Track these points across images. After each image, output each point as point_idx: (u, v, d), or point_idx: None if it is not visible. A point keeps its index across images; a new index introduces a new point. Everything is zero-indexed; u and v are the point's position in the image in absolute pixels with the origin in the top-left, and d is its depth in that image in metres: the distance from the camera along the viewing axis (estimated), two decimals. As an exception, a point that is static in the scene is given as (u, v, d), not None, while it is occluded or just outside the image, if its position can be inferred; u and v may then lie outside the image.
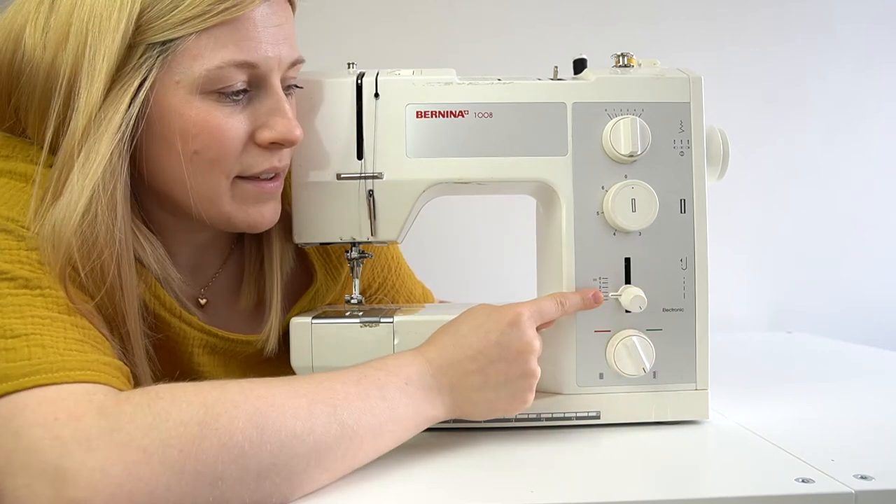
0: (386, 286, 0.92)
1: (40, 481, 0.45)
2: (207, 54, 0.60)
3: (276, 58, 0.64)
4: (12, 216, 0.59)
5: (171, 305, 0.69)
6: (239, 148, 0.64)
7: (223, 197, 0.66)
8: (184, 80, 0.61)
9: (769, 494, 0.52)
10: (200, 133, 0.62)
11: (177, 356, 0.71)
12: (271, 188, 0.68)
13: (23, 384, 0.49)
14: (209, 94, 0.62)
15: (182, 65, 0.60)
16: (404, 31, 1.40)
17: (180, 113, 0.61)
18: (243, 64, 0.62)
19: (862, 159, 1.49)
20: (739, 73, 1.45)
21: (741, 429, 0.68)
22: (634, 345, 0.67)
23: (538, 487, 0.54)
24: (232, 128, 0.63)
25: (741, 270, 1.48)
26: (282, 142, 0.65)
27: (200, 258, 0.76)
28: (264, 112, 0.65)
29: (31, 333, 0.53)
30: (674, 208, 0.69)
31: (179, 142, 0.62)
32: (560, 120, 0.69)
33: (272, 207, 0.69)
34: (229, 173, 0.65)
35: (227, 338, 0.74)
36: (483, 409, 0.63)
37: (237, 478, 0.49)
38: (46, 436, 0.47)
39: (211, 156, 0.63)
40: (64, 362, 0.52)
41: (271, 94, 0.65)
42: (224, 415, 0.49)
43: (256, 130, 0.65)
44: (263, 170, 0.66)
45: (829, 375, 0.97)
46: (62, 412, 0.48)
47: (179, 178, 0.64)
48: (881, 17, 1.48)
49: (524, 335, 0.62)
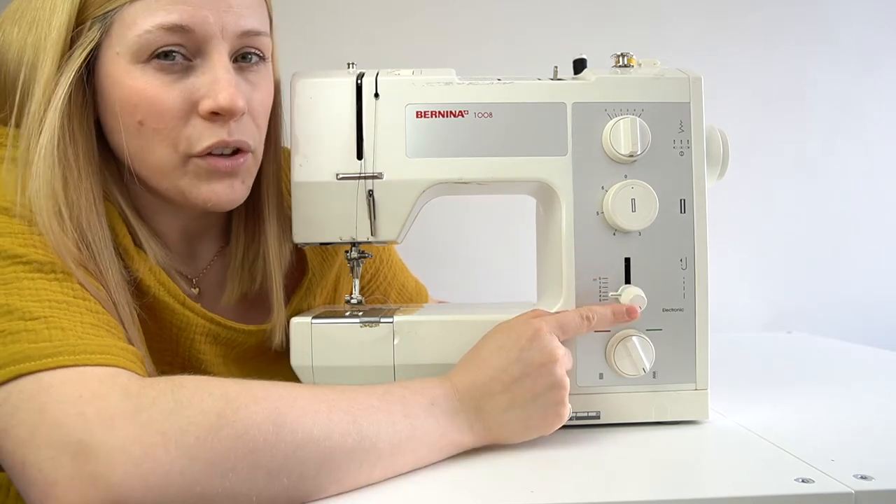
0: (378, 279, 0.92)
1: (63, 454, 0.46)
2: (139, 21, 0.62)
3: (218, 24, 0.63)
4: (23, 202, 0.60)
5: (175, 291, 0.70)
6: (179, 118, 0.64)
7: (175, 171, 0.66)
8: (123, 51, 0.62)
9: (769, 494, 0.52)
10: (140, 102, 0.63)
11: (179, 344, 0.71)
12: (225, 166, 0.66)
13: (47, 364, 0.50)
14: (147, 62, 0.63)
15: (119, 34, 0.62)
16: (404, 31, 1.40)
17: (121, 83, 0.63)
18: (173, 27, 0.62)
19: (862, 159, 1.49)
20: (739, 73, 1.45)
21: (741, 429, 0.68)
22: (634, 345, 0.67)
23: (538, 487, 0.54)
24: (170, 97, 0.63)
25: (741, 270, 1.48)
26: (220, 111, 0.64)
27: (193, 246, 0.76)
28: (206, 82, 0.64)
29: (50, 316, 0.54)
30: (674, 208, 0.69)
31: (121, 112, 0.64)
32: (560, 120, 0.69)
33: (227, 185, 0.67)
34: (176, 145, 0.65)
35: (230, 327, 0.74)
36: (516, 429, 0.62)
37: (248, 472, 0.49)
38: (71, 412, 0.48)
39: (153, 126, 0.64)
40: (84, 345, 0.53)
41: (213, 64, 0.64)
42: (243, 409, 0.50)
43: (199, 101, 0.64)
44: (212, 143, 0.65)
45: (829, 375, 0.97)
46: (87, 391, 0.49)
47: (134, 149, 0.65)
48: (881, 18, 1.48)
49: (545, 347, 0.62)
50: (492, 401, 0.61)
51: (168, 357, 0.71)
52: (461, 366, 0.63)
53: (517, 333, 0.63)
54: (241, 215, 0.77)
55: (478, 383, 0.61)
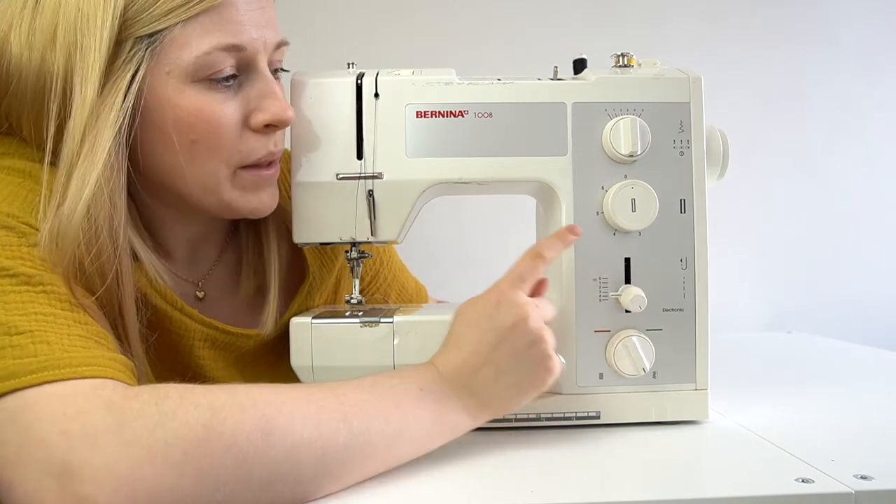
0: (378, 280, 0.92)
1: (48, 476, 0.46)
2: (194, 42, 0.61)
3: (262, 40, 0.65)
4: (13, 212, 0.59)
5: (172, 298, 0.70)
6: (234, 134, 0.65)
7: (223, 185, 0.66)
8: (174, 71, 0.62)
9: (769, 494, 0.52)
10: (196, 122, 0.63)
11: (178, 351, 0.71)
12: (268, 175, 0.69)
13: (31, 381, 0.50)
14: (200, 82, 0.63)
15: (171, 55, 0.61)
16: (404, 31, 1.40)
17: (174, 103, 0.62)
18: (230, 47, 0.62)
19: (862, 159, 1.49)
20: (739, 73, 1.45)
21: (741, 429, 0.68)
22: (634, 345, 0.67)
23: (538, 487, 0.54)
24: (226, 114, 0.64)
25: (741, 270, 1.48)
26: (275, 123, 0.66)
27: (196, 250, 0.76)
28: (255, 96, 0.66)
29: (36, 330, 0.53)
30: (674, 208, 0.69)
31: (175, 132, 0.63)
32: (560, 120, 0.69)
33: (270, 193, 0.70)
34: (229, 161, 0.65)
35: (227, 331, 0.74)
36: (510, 395, 0.60)
37: (242, 483, 0.48)
38: (54, 430, 0.47)
39: (209, 144, 0.64)
40: (70, 358, 0.52)
41: (260, 77, 0.66)
42: (230, 419, 0.49)
43: (250, 115, 0.66)
44: (263, 155, 0.67)
45: (829, 375, 0.97)
46: (70, 407, 0.48)
47: (178, 168, 0.65)
48: (881, 18, 1.48)
49: (512, 306, 0.61)
50: (478, 376, 0.60)
51: (168, 364, 0.71)
52: (440, 350, 0.63)
53: (483, 302, 0.62)
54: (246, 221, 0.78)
55: (459, 362, 0.60)
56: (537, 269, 0.64)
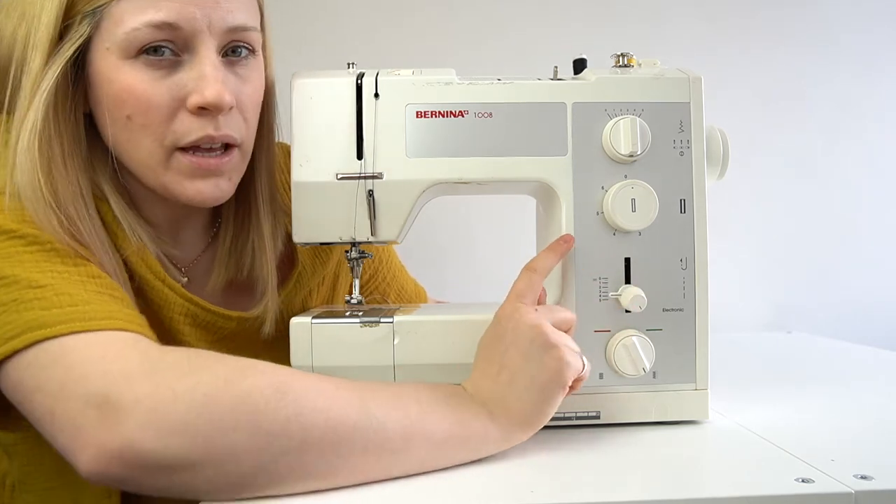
0: (377, 279, 0.92)
1: (89, 406, 0.51)
2: (127, 18, 0.62)
3: (205, 20, 0.64)
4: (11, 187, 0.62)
5: (157, 269, 0.71)
6: (166, 113, 0.65)
7: (160, 166, 0.67)
8: (112, 46, 0.63)
9: (769, 494, 0.52)
10: (129, 98, 0.64)
11: (160, 322, 0.72)
12: (211, 164, 0.67)
13: (60, 330, 0.54)
14: (136, 58, 0.64)
15: (109, 30, 0.63)
16: (404, 31, 1.40)
17: (110, 78, 0.64)
18: (161, 24, 0.63)
19: (862, 159, 1.49)
20: (739, 73, 1.45)
21: (741, 429, 0.68)
22: (634, 345, 0.67)
23: (538, 487, 0.54)
24: (158, 92, 0.64)
25: (741, 270, 1.48)
26: (208, 106, 0.65)
27: (181, 234, 0.77)
28: (193, 77, 0.65)
29: (55, 283, 0.57)
30: (674, 208, 0.69)
31: (110, 107, 0.65)
32: (560, 120, 0.69)
33: (213, 184, 0.69)
34: (161, 140, 0.66)
35: (207, 309, 0.74)
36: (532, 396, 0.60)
37: (250, 432, 0.50)
38: (96, 369, 0.52)
39: (141, 121, 0.65)
40: (94, 311, 0.56)
41: (200, 59, 0.65)
42: (251, 377, 0.53)
43: (187, 96, 0.65)
44: (198, 138, 0.66)
45: (829, 375, 0.97)
46: (111, 352, 0.54)
47: (122, 143, 0.67)
48: (881, 19, 1.48)
49: (511, 314, 0.62)
50: (497, 384, 0.61)
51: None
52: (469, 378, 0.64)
53: (491, 327, 0.64)
54: (230, 206, 0.78)
55: (478, 377, 0.62)
56: (534, 282, 0.65)
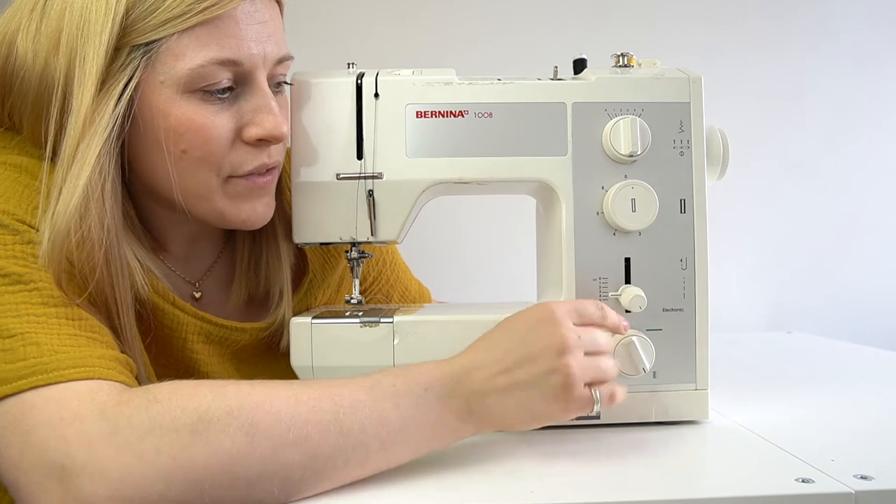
0: (381, 280, 0.92)
1: (49, 479, 0.49)
2: (189, 54, 0.61)
3: (261, 55, 0.64)
4: (7, 209, 0.60)
5: (165, 292, 0.70)
6: (225, 146, 0.65)
7: (215, 194, 0.66)
8: (168, 80, 0.62)
9: (769, 494, 0.52)
10: (187, 132, 0.63)
11: (171, 345, 0.71)
12: (262, 182, 0.68)
13: (20, 386, 0.52)
14: (194, 92, 0.63)
15: (166, 65, 0.61)
16: (404, 31, 1.40)
17: (165, 113, 0.62)
18: (225, 62, 0.62)
19: (862, 159, 1.49)
20: (739, 73, 1.45)
21: (741, 429, 0.68)
22: (634, 345, 0.67)
23: (538, 488, 0.54)
24: (217, 126, 0.64)
25: (741, 270, 1.48)
26: (268, 138, 0.66)
27: (194, 250, 0.76)
28: (250, 109, 0.65)
29: (26, 332, 0.54)
30: (674, 208, 0.69)
31: (166, 141, 0.63)
32: (560, 120, 0.69)
33: (265, 203, 0.70)
34: (219, 171, 0.66)
35: (221, 324, 0.74)
36: (518, 414, 0.58)
37: (227, 484, 0.50)
38: (53, 435, 0.50)
39: (198, 154, 0.64)
40: (59, 361, 0.53)
41: (257, 92, 0.65)
42: (216, 423, 0.50)
43: (243, 128, 0.65)
44: (255, 167, 0.67)
45: (829, 375, 0.97)
46: (67, 412, 0.51)
47: (168, 176, 0.65)
48: (881, 19, 1.48)
49: (555, 330, 0.58)
50: (492, 382, 0.58)
51: (163, 360, 0.71)
52: (469, 347, 0.61)
53: (526, 315, 0.61)
54: None
55: (481, 364, 0.58)
56: (593, 315, 0.62)
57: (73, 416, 0.50)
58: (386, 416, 0.55)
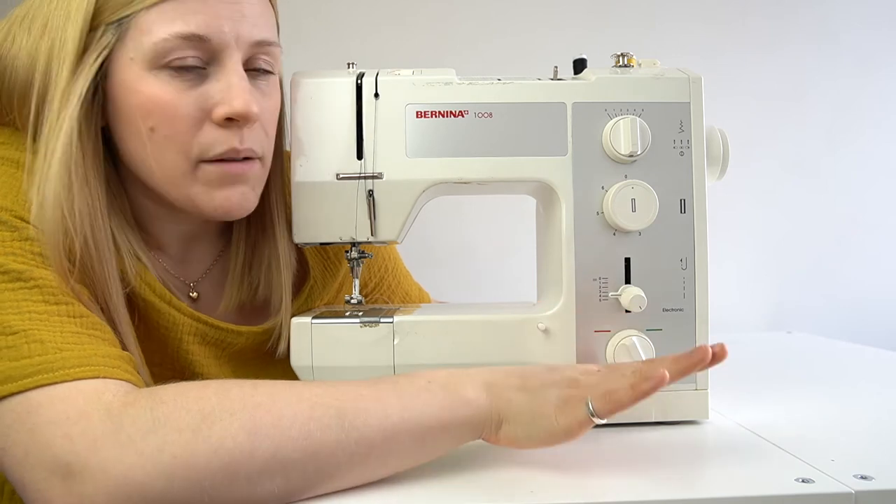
0: (382, 286, 0.92)
1: (54, 476, 0.49)
2: (155, 29, 0.62)
3: (233, 33, 0.64)
4: (5, 205, 0.60)
5: (161, 291, 0.69)
6: (192, 124, 0.64)
7: (186, 178, 0.66)
8: (137, 57, 0.62)
9: (769, 494, 0.52)
10: (154, 108, 0.63)
11: (167, 344, 0.71)
12: (237, 170, 0.66)
13: (26, 385, 0.52)
14: (161, 69, 0.63)
15: (134, 41, 0.62)
16: (404, 31, 1.40)
17: (135, 89, 0.63)
18: (190, 36, 0.62)
19: (862, 159, 1.49)
20: (739, 73, 1.45)
21: (741, 429, 0.68)
22: (634, 345, 0.67)
23: (538, 488, 0.54)
24: (184, 103, 0.63)
25: (741, 270, 1.48)
26: (235, 117, 0.64)
27: (191, 250, 0.76)
28: (220, 89, 0.64)
29: (29, 329, 0.54)
30: (674, 208, 0.69)
31: (136, 118, 0.64)
32: (560, 120, 0.69)
33: (240, 192, 0.67)
34: (188, 152, 0.65)
35: (217, 326, 0.73)
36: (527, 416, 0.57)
37: (227, 483, 0.50)
38: (58, 433, 0.50)
39: (165, 133, 0.64)
40: (63, 359, 0.53)
41: (227, 72, 0.64)
42: (218, 423, 0.50)
43: (213, 108, 0.64)
44: (224, 150, 0.65)
45: (829, 375, 0.97)
46: (73, 410, 0.51)
47: (145, 158, 0.65)
48: (881, 19, 1.48)
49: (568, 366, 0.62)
50: (505, 380, 0.58)
51: (158, 358, 0.71)
52: None
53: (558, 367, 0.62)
54: (241, 222, 0.77)
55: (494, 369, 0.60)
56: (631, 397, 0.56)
57: (80, 415, 0.51)
58: (388, 407, 0.55)
